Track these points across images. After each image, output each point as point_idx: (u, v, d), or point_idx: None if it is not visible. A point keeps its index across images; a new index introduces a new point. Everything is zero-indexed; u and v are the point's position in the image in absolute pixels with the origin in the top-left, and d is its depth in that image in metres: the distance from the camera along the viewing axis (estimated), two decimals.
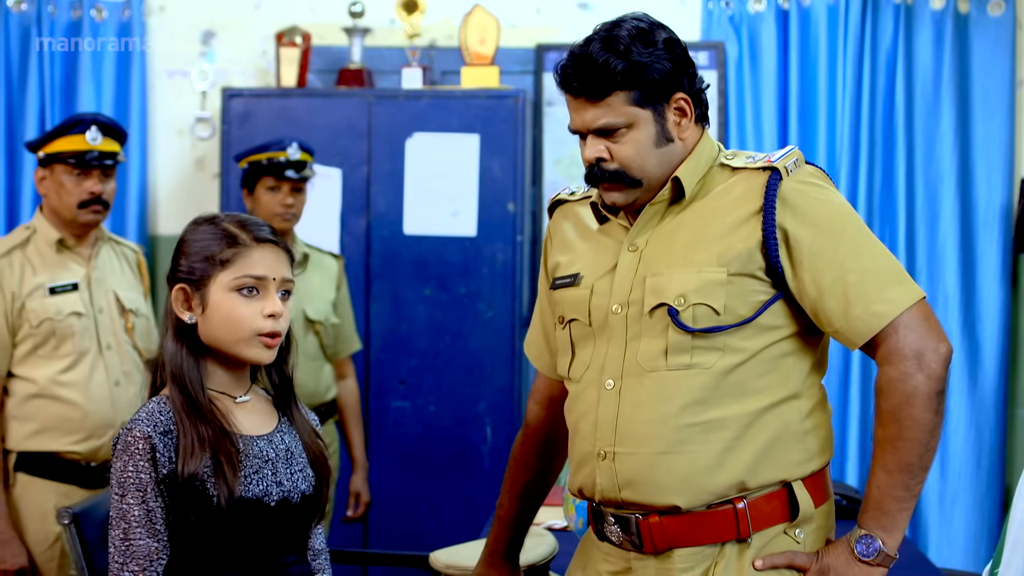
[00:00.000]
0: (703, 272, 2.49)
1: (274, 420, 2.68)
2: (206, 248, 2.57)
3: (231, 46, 5.71)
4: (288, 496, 2.59)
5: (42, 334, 4.01)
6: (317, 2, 5.66)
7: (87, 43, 5.62)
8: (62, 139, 4.07)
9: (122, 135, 4.20)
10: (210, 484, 2.48)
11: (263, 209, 4.62)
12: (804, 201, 2.49)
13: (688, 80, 2.57)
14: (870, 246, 2.49)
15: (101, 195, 4.09)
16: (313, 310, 4.69)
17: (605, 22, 2.58)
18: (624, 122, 2.53)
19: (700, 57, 5.50)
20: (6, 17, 5.57)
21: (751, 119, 5.54)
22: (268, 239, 2.60)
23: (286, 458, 2.62)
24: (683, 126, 2.56)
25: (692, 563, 2.51)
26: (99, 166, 4.09)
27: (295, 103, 5.31)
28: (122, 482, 2.47)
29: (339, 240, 5.26)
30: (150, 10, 5.70)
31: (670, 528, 2.51)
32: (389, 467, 5.28)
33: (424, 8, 5.38)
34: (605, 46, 2.51)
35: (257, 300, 2.56)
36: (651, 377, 2.51)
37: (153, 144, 5.73)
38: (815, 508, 2.53)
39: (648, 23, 2.56)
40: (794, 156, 2.53)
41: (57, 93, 5.64)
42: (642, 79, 2.50)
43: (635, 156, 2.54)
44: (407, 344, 5.27)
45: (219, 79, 5.66)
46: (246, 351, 2.57)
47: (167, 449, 2.47)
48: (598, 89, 2.52)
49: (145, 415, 2.51)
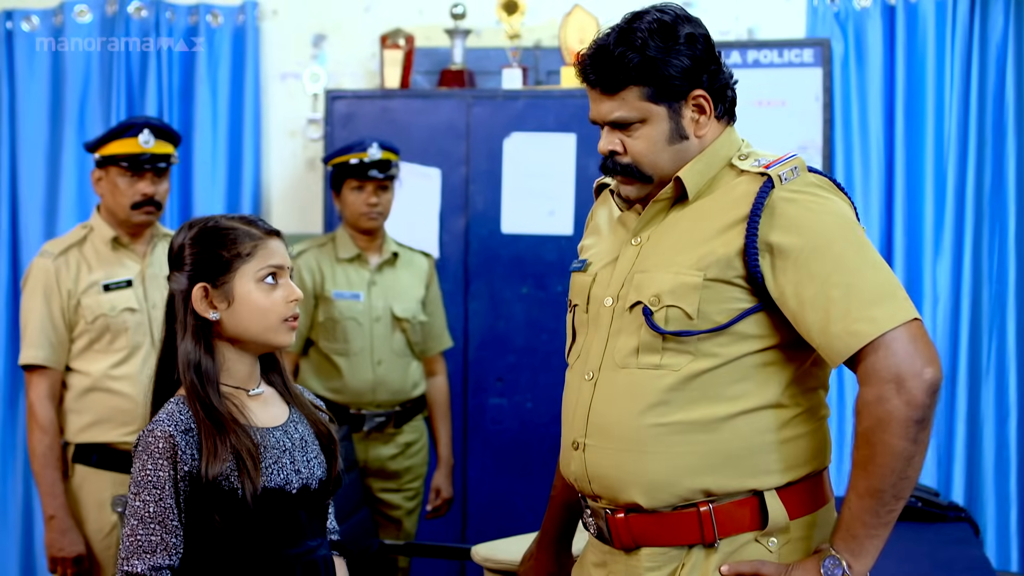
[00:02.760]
0: (680, 274, 2.48)
1: (286, 410, 2.76)
2: (223, 245, 2.65)
3: (341, 48, 5.83)
4: (307, 483, 2.69)
5: (97, 329, 4.16)
6: (424, 4, 5.74)
7: (202, 45, 5.78)
8: (116, 142, 4.20)
9: (175, 138, 4.31)
10: (234, 478, 2.57)
11: (350, 209, 4.72)
12: (794, 210, 2.43)
13: (709, 76, 2.52)
14: (860, 260, 2.41)
15: (153, 196, 4.22)
16: (400, 308, 4.77)
17: (631, 12, 2.56)
18: (637, 117, 2.52)
19: (805, 54, 5.45)
20: (127, 23, 5.76)
21: (857, 117, 5.47)
22: (275, 231, 2.71)
23: (302, 446, 2.72)
24: (701, 123, 2.54)
25: (659, 563, 2.51)
26: (151, 168, 4.22)
27: (396, 104, 5.40)
28: (139, 480, 2.56)
29: (438, 239, 5.34)
30: (263, 14, 5.84)
31: (636, 526, 2.52)
32: (487, 463, 5.34)
33: (524, 9, 5.43)
34: (622, 39, 2.50)
35: (278, 288, 2.67)
36: (622, 374, 2.52)
37: (266, 145, 5.87)
38: (790, 519, 2.48)
39: (673, 16, 2.52)
40: (792, 164, 2.47)
41: (175, 97, 5.82)
42: (656, 75, 2.48)
43: (647, 152, 2.54)
44: (504, 342, 5.32)
45: (330, 81, 5.78)
46: (275, 337, 2.68)
47: (189, 447, 2.56)
48: (612, 82, 2.52)
49: (165, 416, 2.60)
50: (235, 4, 5.81)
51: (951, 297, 5.40)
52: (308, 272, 4.71)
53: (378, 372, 4.71)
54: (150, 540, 2.54)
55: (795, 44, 5.49)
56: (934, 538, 3.96)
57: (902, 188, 5.42)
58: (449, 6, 5.49)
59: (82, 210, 5.66)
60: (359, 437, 4.70)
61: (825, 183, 2.50)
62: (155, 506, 2.54)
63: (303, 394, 2.85)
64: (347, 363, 4.70)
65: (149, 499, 2.54)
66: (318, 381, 4.71)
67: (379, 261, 4.81)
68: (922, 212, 5.41)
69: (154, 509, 2.54)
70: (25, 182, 5.78)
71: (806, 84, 5.47)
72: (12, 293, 5.64)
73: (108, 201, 4.27)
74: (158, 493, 2.54)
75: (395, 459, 4.79)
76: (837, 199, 2.49)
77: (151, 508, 2.54)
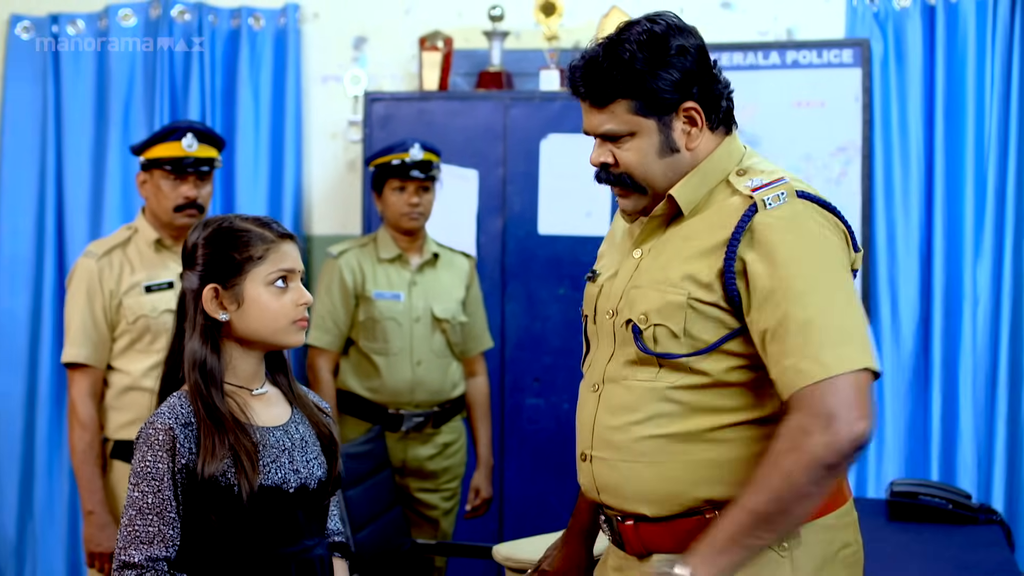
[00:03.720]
0: (667, 293, 2.48)
1: (288, 411, 2.80)
2: (236, 247, 2.69)
3: (381, 51, 5.86)
4: (305, 483, 2.72)
5: (138, 330, 4.22)
6: (464, 6, 5.77)
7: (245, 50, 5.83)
8: (160, 145, 4.26)
9: (219, 142, 4.37)
10: (231, 475, 2.60)
11: (391, 210, 4.75)
12: (772, 237, 2.39)
13: (701, 88, 2.50)
14: (824, 299, 2.35)
15: (196, 199, 4.27)
16: (440, 308, 4.80)
17: (623, 23, 2.56)
18: (627, 130, 2.51)
19: (844, 55, 5.43)
20: (170, 26, 5.82)
21: (896, 118, 5.44)
22: (288, 234, 2.74)
23: (302, 446, 2.75)
24: (693, 135, 2.52)
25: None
26: (194, 172, 4.28)
27: (434, 106, 5.43)
28: (138, 471, 2.60)
29: (475, 240, 5.37)
30: (304, 17, 5.89)
31: (645, 533, 2.54)
32: (523, 463, 5.36)
33: (561, 11, 5.44)
34: (610, 52, 2.49)
35: (288, 291, 2.70)
36: (622, 385, 2.54)
37: (308, 147, 5.91)
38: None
39: (664, 27, 2.50)
40: (779, 189, 2.43)
41: (218, 99, 5.87)
42: (644, 88, 2.47)
43: (638, 164, 2.53)
44: (541, 342, 5.34)
45: (370, 83, 5.81)
46: (284, 339, 2.72)
47: (187, 440, 2.60)
48: (601, 95, 2.52)
49: (167, 409, 2.64)
50: (277, 7, 5.86)
51: (991, 299, 5.36)
52: (349, 272, 4.75)
53: (417, 372, 4.74)
54: (147, 531, 2.58)
55: (834, 44, 5.47)
56: (962, 540, 3.95)
57: (942, 189, 5.39)
58: (487, 8, 5.51)
59: (126, 211, 5.72)
60: (397, 437, 4.73)
61: (812, 211, 2.44)
62: (153, 497, 2.58)
63: (307, 395, 2.88)
64: (386, 363, 4.74)
65: (147, 490, 2.58)
66: (357, 380, 4.75)
67: (420, 262, 4.84)
68: (962, 213, 5.37)
69: (152, 500, 2.58)
70: (71, 184, 5.85)
71: (845, 85, 5.46)
72: (59, 293, 5.71)
73: (152, 203, 4.33)
74: (156, 484, 2.58)
75: (433, 459, 4.82)
76: (821, 229, 2.43)
77: (149, 499, 2.58)
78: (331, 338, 4.75)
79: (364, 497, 4.29)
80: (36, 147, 5.89)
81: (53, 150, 5.86)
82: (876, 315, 5.46)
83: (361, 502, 4.25)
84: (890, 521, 4.17)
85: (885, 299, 5.47)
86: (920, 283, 5.45)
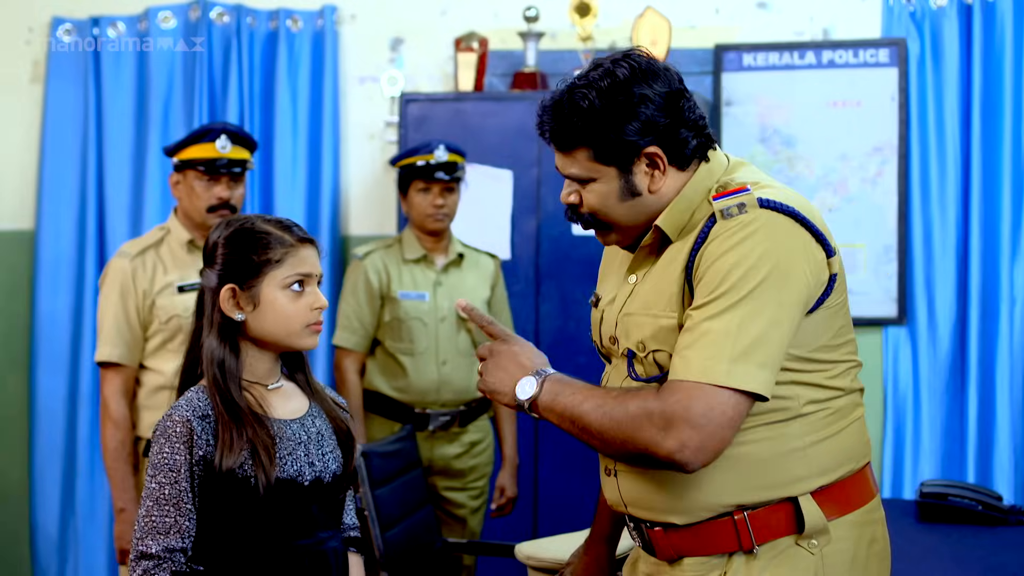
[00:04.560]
0: (659, 319, 2.49)
1: (306, 405, 2.83)
2: (255, 250, 2.72)
3: (418, 52, 5.88)
4: (320, 476, 2.76)
5: (170, 330, 4.26)
6: (499, 7, 5.78)
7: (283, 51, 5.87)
8: (194, 146, 4.30)
9: (252, 144, 4.41)
10: (248, 467, 2.64)
11: (416, 211, 4.78)
12: (715, 249, 2.39)
13: (665, 132, 2.48)
14: (732, 313, 2.34)
15: (229, 200, 4.32)
16: None
17: (586, 65, 2.56)
18: (588, 175, 2.53)
19: (880, 54, 5.42)
20: (209, 28, 5.87)
21: (933, 117, 5.42)
22: (308, 238, 2.77)
23: (317, 440, 2.78)
24: (656, 178, 2.51)
25: (701, 571, 2.52)
26: (227, 173, 4.32)
27: (469, 107, 5.44)
28: (156, 463, 2.63)
29: (510, 241, 5.37)
30: (342, 19, 5.92)
31: (675, 539, 2.54)
32: (557, 463, 5.36)
33: (596, 11, 5.45)
34: (570, 100, 2.49)
35: (304, 295, 2.74)
36: None
37: (345, 148, 5.94)
38: (828, 520, 2.47)
39: (627, 72, 2.48)
40: (739, 200, 2.41)
41: (256, 100, 5.92)
42: (602, 138, 2.48)
43: (600, 207, 2.54)
44: (575, 342, 5.33)
45: (408, 84, 5.84)
46: (298, 341, 2.76)
47: (205, 432, 2.64)
48: (562, 142, 2.53)
49: (185, 402, 2.68)
50: (314, 8, 5.89)
51: None
52: (375, 273, 4.78)
53: (443, 372, 4.77)
54: (164, 521, 2.61)
55: (870, 44, 5.46)
56: (991, 542, 3.92)
57: (978, 188, 5.36)
58: (523, 9, 5.52)
59: (166, 212, 5.76)
60: (424, 436, 4.76)
61: (771, 221, 2.40)
62: (170, 488, 2.62)
63: (324, 390, 2.91)
64: (412, 362, 4.77)
65: (165, 481, 2.62)
66: (384, 380, 4.78)
67: (445, 262, 4.87)
68: (999, 213, 5.34)
69: (169, 491, 2.62)
70: (111, 185, 5.91)
71: (882, 84, 5.44)
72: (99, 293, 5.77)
73: (185, 204, 4.37)
74: (174, 476, 2.62)
75: (460, 458, 4.84)
76: (770, 241, 2.39)
77: (166, 490, 2.62)
78: (357, 339, 4.78)
79: (393, 496, 4.31)
80: (77, 148, 5.96)
81: (94, 151, 5.92)
82: (912, 315, 5.44)
83: (390, 501, 4.27)
84: (920, 522, 4.14)
85: (921, 299, 5.44)
86: (956, 283, 5.42)
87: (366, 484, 4.15)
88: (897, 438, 5.47)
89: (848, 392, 2.55)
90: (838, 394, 2.52)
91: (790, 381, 2.44)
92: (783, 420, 2.46)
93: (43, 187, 5.95)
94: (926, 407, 5.44)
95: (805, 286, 2.41)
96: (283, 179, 5.88)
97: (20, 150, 6.05)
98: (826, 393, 2.50)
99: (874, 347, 5.50)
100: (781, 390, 2.43)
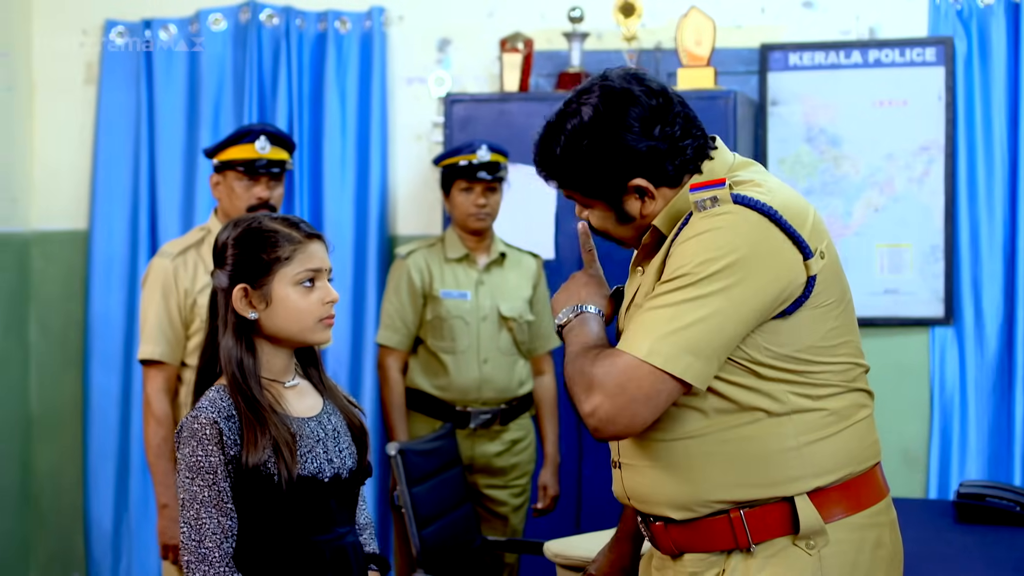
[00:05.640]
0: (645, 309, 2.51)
1: (320, 402, 2.87)
2: (264, 248, 2.76)
3: (465, 52, 5.91)
4: (338, 472, 2.80)
5: None
6: (546, 8, 5.80)
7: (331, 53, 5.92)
8: (234, 147, 4.36)
9: (290, 145, 4.46)
10: (271, 464, 2.68)
11: (458, 210, 4.82)
12: (681, 237, 2.43)
13: (649, 163, 2.49)
14: (675, 296, 2.37)
15: (268, 200, 4.37)
16: (507, 307, 4.86)
17: (564, 102, 2.56)
18: (583, 204, 2.60)
19: (927, 53, 5.40)
20: (259, 30, 5.93)
21: (980, 117, 5.38)
22: (316, 233, 2.81)
23: (334, 437, 2.83)
24: (646, 204, 2.53)
25: (701, 568, 2.53)
26: (266, 174, 4.37)
27: (513, 107, 5.47)
28: (191, 465, 2.67)
29: (553, 240, 5.39)
30: (390, 20, 5.96)
31: (674, 534, 2.56)
32: (601, 461, 5.37)
33: (641, 12, 5.45)
34: (547, 140, 2.54)
35: (315, 290, 2.77)
36: None
37: (393, 149, 5.98)
38: (826, 523, 2.46)
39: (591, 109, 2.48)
40: (712, 193, 2.42)
41: (305, 102, 5.96)
42: (580, 184, 2.53)
43: (603, 229, 2.61)
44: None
45: (455, 85, 5.87)
46: (312, 337, 2.80)
47: (232, 433, 2.68)
48: (550, 180, 2.60)
49: (208, 403, 2.72)
50: (362, 10, 5.93)
51: None
52: (417, 272, 4.83)
53: (484, 370, 4.81)
54: (209, 523, 2.66)
55: (917, 43, 5.44)
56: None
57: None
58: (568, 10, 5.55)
59: None
60: (465, 434, 4.80)
61: (740, 217, 2.41)
62: (209, 490, 2.66)
63: (337, 387, 2.95)
64: (454, 361, 4.81)
65: (204, 483, 2.66)
66: (425, 378, 4.83)
67: (487, 261, 4.91)
68: None
69: (209, 493, 2.66)
70: (163, 186, 5.98)
71: (928, 83, 5.42)
72: None
73: (225, 204, 4.43)
74: (211, 478, 2.66)
75: (501, 456, 4.88)
76: (733, 236, 2.40)
77: (206, 492, 2.66)
78: (400, 337, 4.83)
79: (430, 494, 4.35)
80: (130, 149, 6.03)
81: (146, 152, 5.99)
82: (959, 315, 5.41)
83: (427, 499, 4.31)
84: (957, 523, 4.13)
85: (968, 299, 5.41)
86: (1004, 283, 5.39)
87: (403, 482, 4.19)
88: (944, 439, 5.44)
89: (846, 393, 2.53)
90: (833, 394, 2.51)
91: (775, 379, 2.45)
92: (772, 417, 2.46)
93: (96, 187, 6.03)
94: (973, 408, 5.41)
95: (769, 285, 2.40)
96: (332, 179, 5.93)
97: (74, 151, 6.14)
98: (820, 392, 2.49)
99: (920, 347, 5.48)
100: (766, 387, 2.45)
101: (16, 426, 6.09)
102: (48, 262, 6.17)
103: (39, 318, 6.17)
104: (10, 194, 6.05)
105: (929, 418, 5.46)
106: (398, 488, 4.29)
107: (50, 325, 6.17)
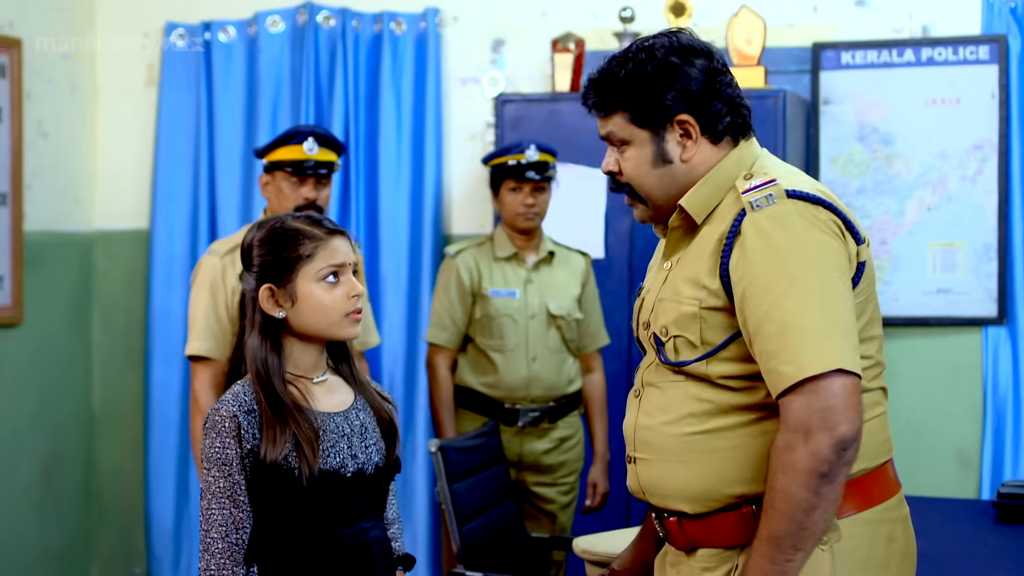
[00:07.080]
0: (682, 304, 2.54)
1: (351, 397, 2.91)
2: (286, 247, 2.82)
3: (519, 53, 5.95)
4: (363, 467, 2.84)
5: None
6: (598, 8, 5.83)
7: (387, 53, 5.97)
8: (283, 148, 4.43)
9: (339, 147, 4.52)
10: (292, 459, 2.73)
11: (507, 210, 4.86)
12: (753, 242, 2.44)
13: (699, 103, 2.57)
14: (800, 300, 2.37)
15: (315, 201, 4.43)
16: (556, 305, 4.89)
17: (640, 38, 2.67)
18: (623, 137, 2.62)
19: (980, 51, 5.37)
20: (316, 32, 6.00)
21: None
22: (338, 229, 2.86)
23: (361, 433, 2.86)
24: (688, 147, 2.59)
25: (714, 563, 2.56)
26: (314, 175, 4.43)
27: (564, 107, 5.50)
28: (209, 456, 2.74)
29: (603, 240, 5.41)
30: (444, 21, 6.01)
31: (688, 529, 2.58)
32: None
33: (691, 11, 5.46)
34: (611, 66, 2.62)
35: (339, 285, 2.82)
36: (657, 389, 2.60)
37: (448, 148, 6.03)
38: (840, 517, 2.47)
39: (666, 45, 2.59)
40: (767, 191, 2.47)
41: (362, 102, 6.03)
42: (636, 102, 2.57)
43: (635, 174, 2.62)
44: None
45: (508, 85, 5.91)
46: (339, 331, 2.84)
47: (251, 426, 2.74)
48: (602, 106, 2.64)
49: (231, 396, 2.78)
50: (417, 11, 5.99)
51: None
52: (466, 270, 4.88)
53: (533, 368, 4.84)
54: (223, 514, 2.71)
55: (970, 41, 5.41)
56: None
57: None
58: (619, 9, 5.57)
59: None
60: (513, 432, 4.83)
61: (800, 210, 2.46)
62: (224, 482, 2.72)
63: (369, 383, 2.99)
64: (502, 359, 4.85)
65: (219, 475, 2.72)
66: (474, 376, 4.87)
67: (536, 259, 4.94)
68: None
69: (223, 484, 2.71)
70: (222, 186, 6.08)
71: (982, 82, 5.39)
72: None
73: (273, 204, 4.50)
74: (227, 470, 2.72)
75: (549, 454, 4.91)
76: (807, 229, 2.44)
77: (220, 483, 2.72)
78: (449, 335, 4.88)
79: (472, 491, 4.39)
80: (190, 150, 6.13)
81: (206, 153, 6.08)
82: (1013, 314, 5.37)
83: (468, 496, 4.35)
84: (997, 523, 4.11)
85: (1022, 299, 5.37)
86: None
87: (443, 478, 4.23)
88: (996, 439, 5.40)
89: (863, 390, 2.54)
90: None
91: None
92: None
93: (157, 188, 6.14)
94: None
95: (845, 267, 2.46)
96: (387, 179, 5.98)
97: (136, 152, 6.25)
98: None
99: (974, 347, 5.45)
100: None
101: (79, 423, 6.22)
102: (110, 261, 6.29)
103: (102, 317, 6.29)
104: (73, 195, 6.18)
105: (982, 418, 5.43)
106: (439, 484, 4.33)
107: (112, 323, 6.29)
